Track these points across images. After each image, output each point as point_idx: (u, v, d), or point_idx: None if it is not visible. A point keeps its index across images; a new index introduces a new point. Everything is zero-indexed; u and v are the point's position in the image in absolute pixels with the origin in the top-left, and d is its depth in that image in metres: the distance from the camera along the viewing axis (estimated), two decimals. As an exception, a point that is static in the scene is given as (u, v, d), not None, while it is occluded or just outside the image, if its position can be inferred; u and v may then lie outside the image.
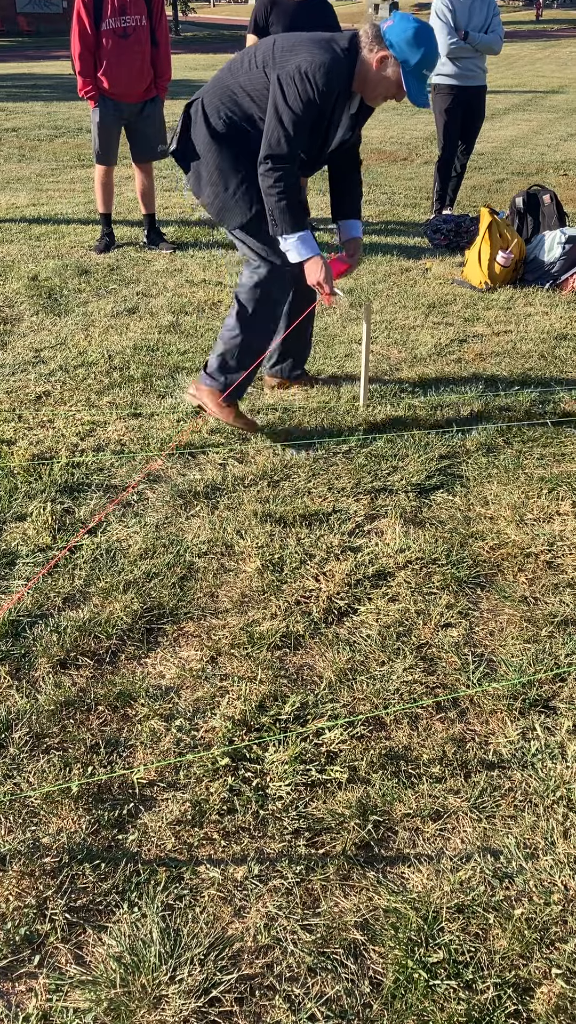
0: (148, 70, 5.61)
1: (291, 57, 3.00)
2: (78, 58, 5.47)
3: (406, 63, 2.97)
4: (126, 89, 5.57)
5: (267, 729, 2.09)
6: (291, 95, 2.97)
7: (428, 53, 2.98)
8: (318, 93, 2.95)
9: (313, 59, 2.94)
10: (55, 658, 2.30)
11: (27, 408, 3.69)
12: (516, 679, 2.25)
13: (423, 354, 4.30)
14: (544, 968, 1.59)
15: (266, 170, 3.04)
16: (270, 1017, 1.52)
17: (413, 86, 3.01)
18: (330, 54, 2.97)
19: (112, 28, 5.40)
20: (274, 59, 3.04)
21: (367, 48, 3.00)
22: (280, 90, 2.98)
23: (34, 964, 1.61)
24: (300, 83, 2.95)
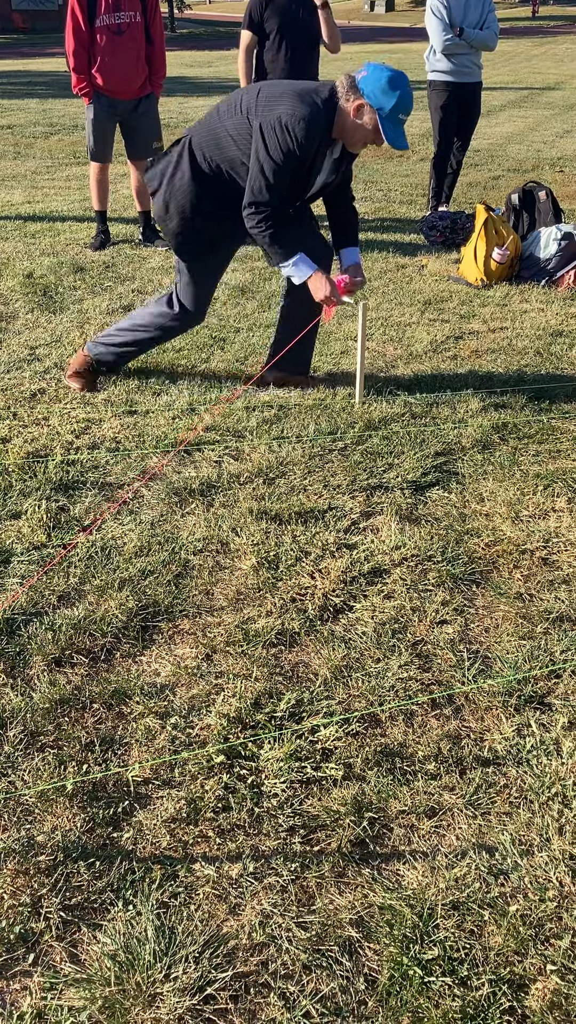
0: (143, 67, 5.59)
1: (274, 107, 3.16)
2: (72, 55, 5.45)
3: (381, 110, 3.13)
4: (121, 86, 5.56)
5: (262, 726, 2.09)
6: (272, 146, 3.13)
7: (402, 98, 3.14)
8: (297, 144, 3.12)
9: (294, 111, 3.11)
10: (50, 656, 2.30)
11: (22, 406, 3.68)
12: (511, 676, 2.25)
13: (419, 351, 4.29)
14: (539, 964, 1.59)
15: (249, 214, 3.25)
16: (265, 1015, 1.52)
17: (390, 131, 3.18)
18: (310, 106, 3.12)
19: (106, 24, 5.37)
20: (257, 107, 3.21)
21: (344, 98, 3.17)
22: (262, 140, 3.15)
23: (29, 962, 1.60)
24: (280, 134, 3.11)
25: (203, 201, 3.39)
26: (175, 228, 3.47)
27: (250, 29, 5.61)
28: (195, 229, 3.45)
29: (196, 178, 3.37)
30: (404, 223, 6.86)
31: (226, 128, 3.29)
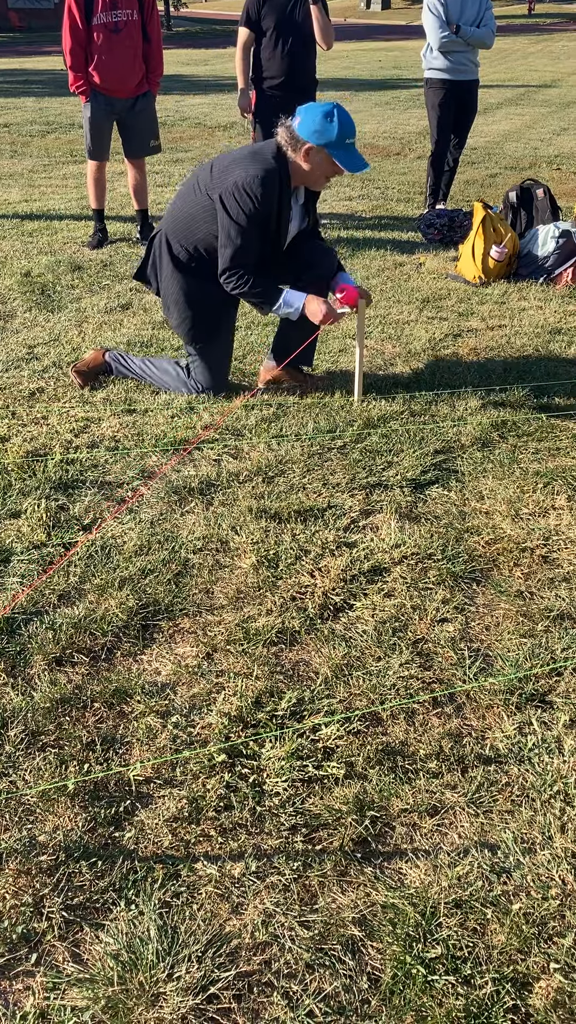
0: (140, 65, 5.58)
1: (228, 176, 3.31)
2: (69, 53, 5.43)
3: (329, 143, 3.24)
4: (118, 84, 5.54)
5: (263, 725, 2.08)
6: (234, 210, 3.29)
7: (342, 124, 3.25)
8: (257, 202, 3.26)
9: (247, 173, 3.25)
10: (50, 655, 2.29)
11: (21, 405, 3.68)
12: (512, 674, 2.25)
13: (417, 349, 4.29)
14: (542, 963, 1.59)
15: (226, 279, 3.41)
16: (268, 1014, 1.52)
17: (344, 158, 3.30)
18: (262, 164, 3.27)
19: (103, 23, 5.36)
20: (213, 182, 3.37)
21: (290, 149, 3.30)
22: (224, 208, 3.31)
23: (31, 962, 1.60)
24: (240, 196, 3.26)
25: (191, 287, 3.56)
26: (178, 320, 3.65)
27: (247, 26, 5.60)
28: (196, 315, 3.60)
29: (178, 268, 3.55)
30: (402, 221, 6.85)
31: (191, 211, 3.46)
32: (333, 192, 7.75)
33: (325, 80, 4.42)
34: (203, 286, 3.56)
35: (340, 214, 7.05)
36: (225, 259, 3.37)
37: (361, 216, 6.99)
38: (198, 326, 3.62)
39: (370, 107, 13.65)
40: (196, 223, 3.45)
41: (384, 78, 17.83)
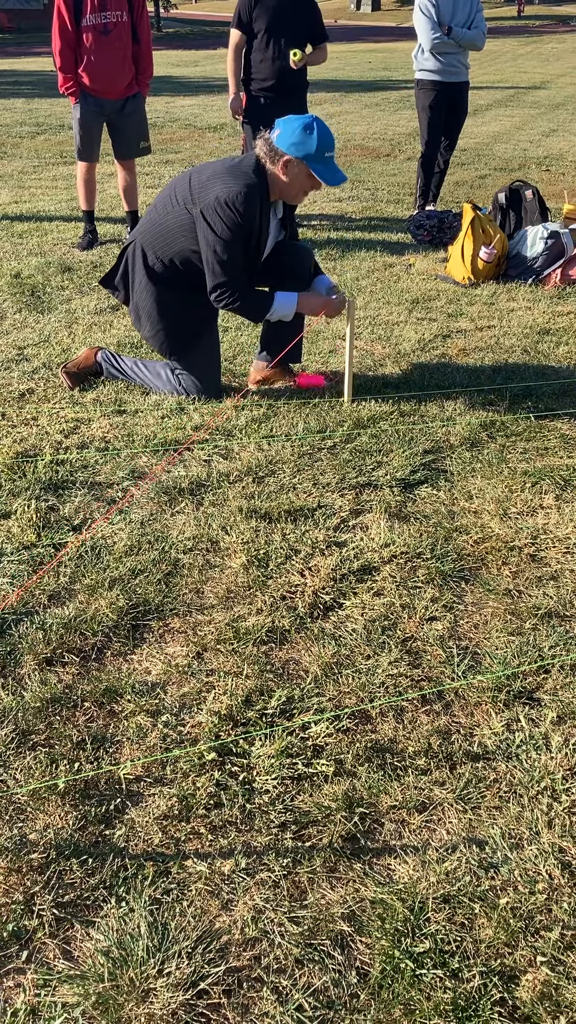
0: (129, 66, 5.59)
1: (208, 191, 3.31)
2: (58, 54, 5.44)
3: (308, 156, 3.26)
4: (107, 86, 5.55)
5: (253, 723, 2.10)
6: (218, 226, 3.29)
7: (321, 137, 3.28)
8: (241, 216, 3.27)
9: (229, 189, 3.26)
10: (41, 655, 2.30)
11: (10, 406, 3.68)
12: (500, 671, 2.27)
13: (407, 349, 4.31)
14: (529, 956, 1.60)
15: (216, 297, 3.42)
16: (258, 1009, 1.53)
17: (323, 172, 3.33)
18: (243, 179, 3.28)
19: (93, 24, 5.36)
20: (192, 195, 3.37)
21: (269, 162, 3.32)
22: (207, 224, 3.31)
23: (22, 959, 1.61)
24: (223, 212, 3.26)
25: (165, 298, 3.57)
26: (149, 332, 3.67)
27: (239, 28, 5.61)
28: (168, 328, 3.62)
29: (152, 279, 3.56)
30: (392, 222, 6.87)
31: (168, 224, 3.45)
32: (323, 193, 7.77)
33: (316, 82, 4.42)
34: (177, 298, 3.58)
35: (330, 215, 7.07)
36: (215, 276, 3.37)
37: (351, 217, 7.01)
38: (171, 338, 3.63)
39: (360, 108, 13.67)
40: (173, 236, 3.45)
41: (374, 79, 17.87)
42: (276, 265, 3.62)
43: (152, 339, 3.68)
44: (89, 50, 5.40)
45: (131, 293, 3.66)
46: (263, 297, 3.48)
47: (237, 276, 3.40)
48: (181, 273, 3.52)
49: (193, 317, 3.63)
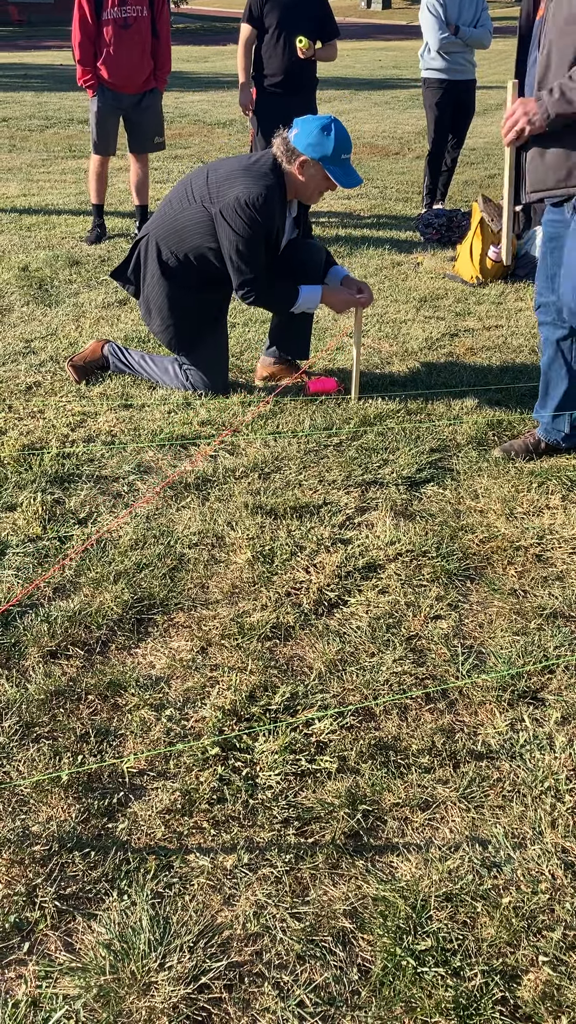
0: (148, 61, 5.61)
1: (228, 190, 3.31)
2: (78, 47, 5.45)
3: (324, 157, 3.28)
4: (126, 80, 5.57)
5: (257, 719, 2.09)
6: (239, 227, 3.30)
7: (339, 139, 3.29)
8: (262, 217, 3.29)
9: (249, 190, 3.27)
10: (45, 648, 2.30)
11: (17, 398, 3.68)
12: (505, 671, 2.26)
13: (414, 348, 4.30)
14: (531, 956, 1.60)
15: (244, 295, 3.46)
16: (259, 1004, 1.53)
17: (338, 174, 3.35)
18: (262, 180, 3.29)
19: (113, 18, 5.38)
20: (210, 193, 3.37)
21: (286, 161, 3.33)
22: (227, 224, 3.32)
23: (24, 951, 1.61)
24: (244, 212, 3.28)
25: (177, 294, 3.57)
26: (159, 327, 3.66)
27: (249, 23, 5.60)
28: (179, 323, 3.61)
29: (165, 274, 3.56)
30: (400, 220, 6.86)
31: (184, 220, 3.46)
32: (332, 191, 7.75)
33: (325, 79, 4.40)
34: (189, 295, 3.57)
35: (339, 213, 7.06)
36: (240, 274, 3.40)
37: (359, 215, 7.00)
38: (180, 334, 3.63)
39: (369, 106, 13.65)
40: (188, 232, 3.45)
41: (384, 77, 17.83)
42: (289, 263, 3.62)
43: (161, 334, 3.67)
44: (109, 44, 5.42)
45: (142, 287, 3.66)
46: (289, 290, 3.50)
47: (260, 272, 3.42)
48: (195, 269, 3.51)
49: (204, 314, 3.62)
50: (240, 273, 3.40)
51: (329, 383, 3.77)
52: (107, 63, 5.48)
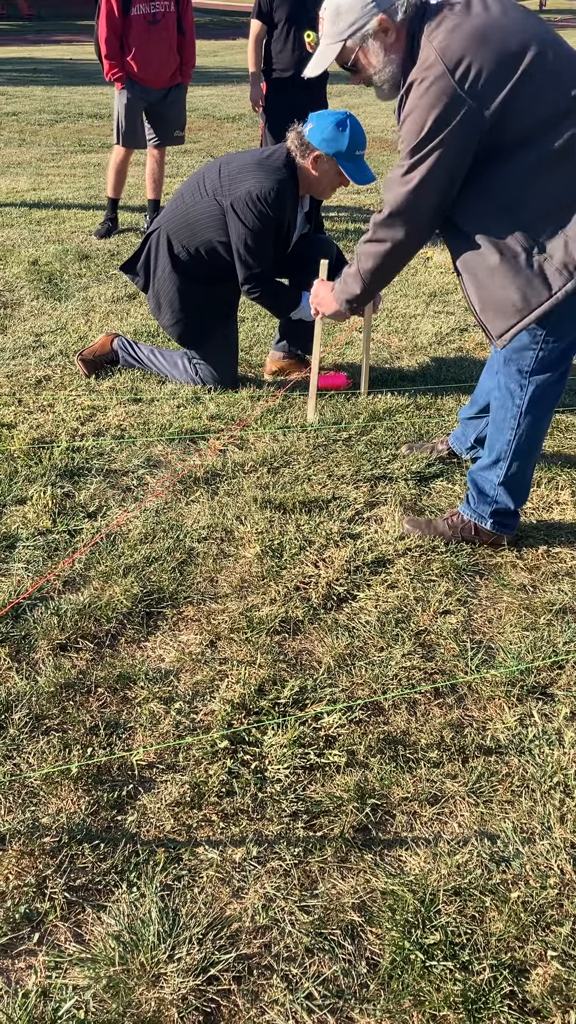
0: (175, 56, 5.67)
1: (239, 184, 3.30)
2: (104, 42, 5.49)
3: (339, 153, 3.27)
4: (154, 75, 5.63)
5: (266, 713, 2.10)
6: (249, 220, 3.29)
7: (353, 136, 3.27)
8: (272, 211, 3.28)
9: (261, 184, 3.26)
10: (55, 641, 2.31)
11: (27, 392, 3.68)
12: (514, 666, 2.26)
13: (424, 343, 4.30)
14: (540, 950, 1.60)
15: (249, 289, 3.45)
16: (268, 996, 1.54)
17: (352, 170, 3.34)
18: (275, 174, 3.28)
19: (142, 14, 5.43)
20: (221, 186, 3.36)
21: (300, 155, 3.32)
22: (238, 218, 3.31)
23: (34, 941, 1.62)
24: (254, 207, 3.27)
25: (188, 288, 3.56)
26: (169, 321, 3.66)
27: (259, 18, 5.59)
28: (189, 318, 3.61)
29: (176, 268, 3.55)
30: (410, 215, 6.84)
31: (195, 213, 3.45)
32: (341, 185, 7.74)
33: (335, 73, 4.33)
34: (200, 289, 3.57)
35: (348, 207, 7.04)
36: (247, 268, 3.40)
37: (369, 209, 6.98)
38: (190, 328, 3.63)
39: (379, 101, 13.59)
40: (200, 226, 3.45)
41: (394, 72, 17.74)
42: (299, 258, 3.61)
43: (171, 328, 3.67)
44: (137, 39, 5.47)
45: (152, 281, 3.66)
46: (291, 294, 3.52)
47: (267, 268, 3.42)
48: (206, 263, 3.51)
49: (214, 308, 3.62)
50: (247, 267, 3.40)
51: (339, 378, 3.76)
52: (136, 58, 5.53)
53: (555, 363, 2.38)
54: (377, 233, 2.35)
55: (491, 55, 2.07)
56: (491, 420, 2.57)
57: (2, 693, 2.13)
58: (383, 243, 2.35)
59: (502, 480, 2.57)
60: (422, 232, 2.31)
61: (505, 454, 2.53)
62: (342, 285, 2.56)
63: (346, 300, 2.60)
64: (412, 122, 2.15)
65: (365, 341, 3.59)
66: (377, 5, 2.21)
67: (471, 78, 2.07)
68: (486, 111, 2.09)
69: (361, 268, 2.45)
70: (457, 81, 2.07)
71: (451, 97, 2.08)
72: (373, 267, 2.41)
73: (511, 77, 2.07)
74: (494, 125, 2.12)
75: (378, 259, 2.38)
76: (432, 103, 2.10)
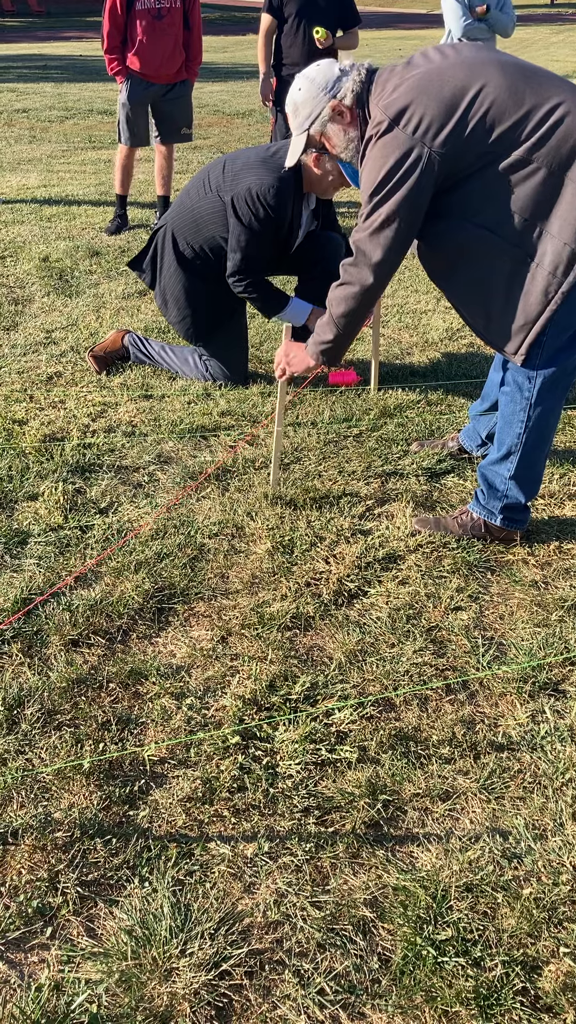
0: (180, 52, 5.65)
1: (241, 180, 3.30)
2: (107, 36, 5.50)
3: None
4: (158, 70, 5.61)
5: (277, 709, 2.10)
6: (246, 218, 3.30)
7: None
8: (271, 209, 3.27)
9: (262, 181, 3.25)
10: (67, 636, 2.31)
11: (38, 389, 3.69)
12: (526, 662, 2.25)
13: (434, 338, 4.28)
14: (552, 947, 1.60)
15: (234, 282, 3.44)
16: (279, 991, 1.54)
17: (351, 172, 3.25)
18: (276, 171, 3.26)
19: (147, 8, 5.43)
20: (225, 182, 3.37)
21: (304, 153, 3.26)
22: (235, 214, 3.31)
23: (46, 936, 1.63)
24: (253, 204, 3.27)
25: (194, 286, 3.56)
26: (176, 318, 3.66)
27: (270, 13, 5.58)
28: (196, 315, 3.61)
29: (181, 264, 3.56)
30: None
31: (201, 209, 3.45)
32: (351, 181, 7.71)
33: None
34: (205, 286, 3.57)
35: (357, 202, 7.01)
36: (234, 263, 3.39)
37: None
38: (198, 325, 3.63)
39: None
40: (204, 222, 3.45)
41: (404, 67, 17.68)
42: (308, 256, 3.61)
43: (178, 324, 3.67)
44: (141, 34, 5.47)
45: (159, 277, 3.66)
46: (279, 297, 3.51)
47: (257, 267, 3.41)
48: (210, 261, 3.51)
49: (221, 305, 3.62)
50: (234, 262, 3.39)
51: (349, 375, 3.75)
52: (140, 54, 5.53)
53: (561, 352, 2.39)
54: (344, 277, 2.44)
55: (431, 100, 2.20)
56: (500, 414, 2.57)
57: (14, 688, 2.14)
58: (351, 286, 2.43)
59: (513, 474, 2.56)
60: (387, 273, 2.40)
61: (516, 447, 2.53)
62: (315, 336, 2.60)
63: (320, 351, 2.60)
64: (368, 171, 2.29)
65: (375, 337, 3.58)
66: (327, 93, 2.42)
67: (414, 123, 2.21)
68: (438, 149, 2.21)
69: (333, 313, 2.50)
70: (403, 129, 2.21)
71: (401, 144, 2.22)
72: (344, 311, 2.47)
73: (454, 114, 2.19)
74: (450, 159, 2.22)
75: (348, 302, 2.45)
76: (385, 152, 2.24)
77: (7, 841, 1.79)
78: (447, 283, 2.46)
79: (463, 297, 2.44)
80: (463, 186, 2.27)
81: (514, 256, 2.28)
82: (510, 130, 2.18)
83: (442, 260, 2.41)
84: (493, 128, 2.18)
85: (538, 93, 2.18)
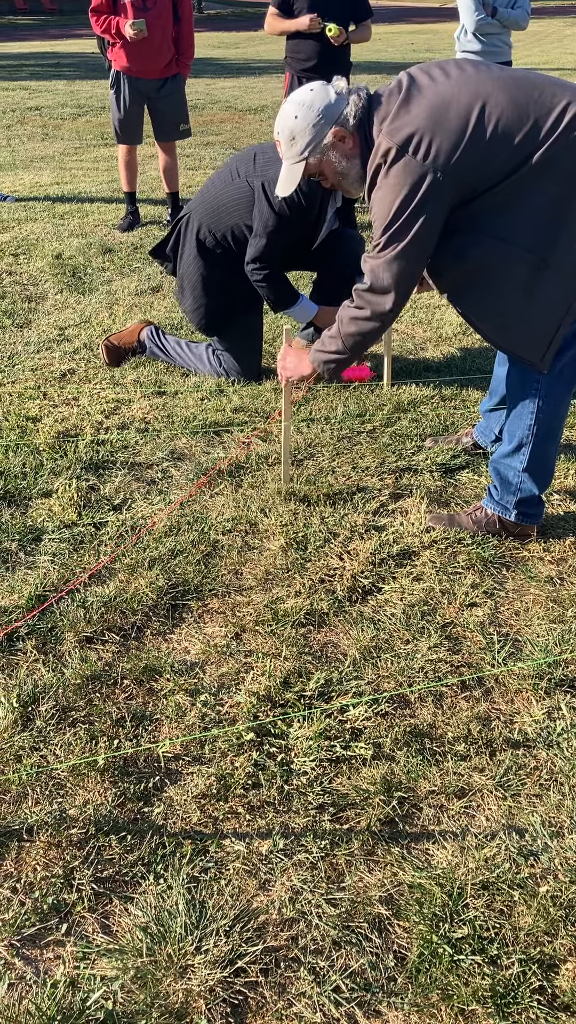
0: (168, 46, 5.55)
1: (273, 166, 3.19)
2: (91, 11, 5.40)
3: None
4: (146, 64, 5.52)
5: (292, 705, 2.09)
6: (277, 203, 3.24)
7: None
8: (304, 196, 3.23)
9: None
10: (81, 633, 2.31)
11: (52, 386, 3.70)
12: (542, 659, 2.24)
13: (448, 333, 4.26)
14: (569, 945, 1.59)
15: (252, 270, 3.42)
16: (295, 988, 1.54)
17: None
18: None
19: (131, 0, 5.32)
20: (256, 169, 3.35)
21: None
22: (265, 197, 3.26)
23: (62, 932, 1.63)
24: None
25: (212, 274, 3.55)
26: (191, 306, 3.65)
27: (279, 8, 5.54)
28: (210, 304, 3.60)
29: (200, 252, 3.54)
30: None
31: (224, 197, 3.44)
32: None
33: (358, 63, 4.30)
34: (223, 276, 3.56)
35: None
36: (256, 248, 3.38)
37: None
38: (211, 314, 3.63)
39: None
40: (227, 209, 3.44)
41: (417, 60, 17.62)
42: (329, 254, 3.60)
43: (193, 313, 3.67)
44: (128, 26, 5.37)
45: (179, 265, 3.66)
46: (291, 292, 3.51)
47: (277, 256, 3.40)
48: (230, 250, 3.50)
49: (236, 296, 3.61)
50: (256, 248, 3.38)
51: (362, 370, 3.74)
52: (127, 47, 5.42)
53: (569, 341, 2.38)
54: (358, 301, 2.41)
55: (438, 124, 2.17)
56: (509, 406, 2.56)
57: (29, 685, 2.14)
58: (364, 310, 2.40)
59: (526, 466, 2.55)
60: (402, 302, 2.38)
61: (527, 439, 2.51)
62: (320, 345, 2.56)
63: (323, 361, 2.56)
64: (381, 201, 2.25)
65: (388, 332, 3.57)
66: (327, 120, 2.34)
67: (424, 149, 2.17)
68: (450, 173, 2.18)
69: (343, 331, 2.47)
70: (413, 156, 2.17)
71: (413, 171, 2.19)
72: (355, 332, 2.44)
73: (463, 136, 2.16)
74: (462, 180, 2.20)
75: (359, 325, 2.43)
76: (399, 181, 2.20)
77: (22, 838, 1.79)
78: (464, 299, 2.44)
79: (481, 311, 2.42)
80: (475, 201, 2.25)
81: (530, 262, 2.27)
82: (519, 144, 2.16)
83: (458, 276, 2.38)
84: (502, 144, 2.17)
85: (540, 103, 2.17)
